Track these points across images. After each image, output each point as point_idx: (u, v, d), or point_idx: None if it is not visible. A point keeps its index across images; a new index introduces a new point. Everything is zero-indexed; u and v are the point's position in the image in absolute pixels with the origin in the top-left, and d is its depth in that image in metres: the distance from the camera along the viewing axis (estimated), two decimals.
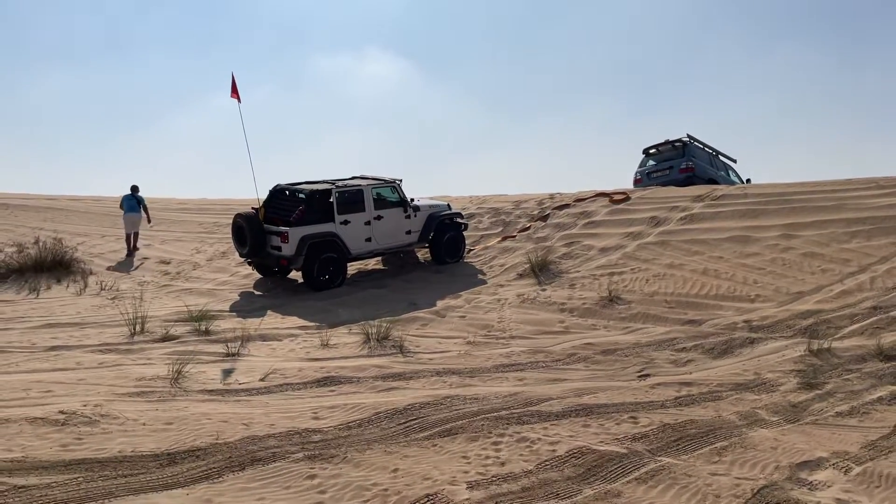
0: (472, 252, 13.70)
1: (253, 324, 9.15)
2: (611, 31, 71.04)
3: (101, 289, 11.55)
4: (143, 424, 5.21)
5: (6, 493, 3.87)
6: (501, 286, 11.37)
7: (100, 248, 14.93)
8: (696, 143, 16.99)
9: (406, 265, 13.39)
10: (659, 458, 4.99)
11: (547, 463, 4.81)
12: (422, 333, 8.85)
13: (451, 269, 12.85)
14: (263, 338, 8.52)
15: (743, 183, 17.36)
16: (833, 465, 4.97)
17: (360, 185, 12.57)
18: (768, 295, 10.00)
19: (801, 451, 5.20)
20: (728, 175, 17.46)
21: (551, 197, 16.22)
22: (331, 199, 12.12)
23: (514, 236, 14.37)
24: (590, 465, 4.80)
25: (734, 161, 17.82)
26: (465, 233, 13.70)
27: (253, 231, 11.90)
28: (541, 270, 11.77)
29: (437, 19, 78.01)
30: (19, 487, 3.96)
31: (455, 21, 77.50)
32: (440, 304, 10.28)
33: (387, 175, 13.28)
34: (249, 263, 12.81)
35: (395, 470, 4.55)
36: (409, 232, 13.00)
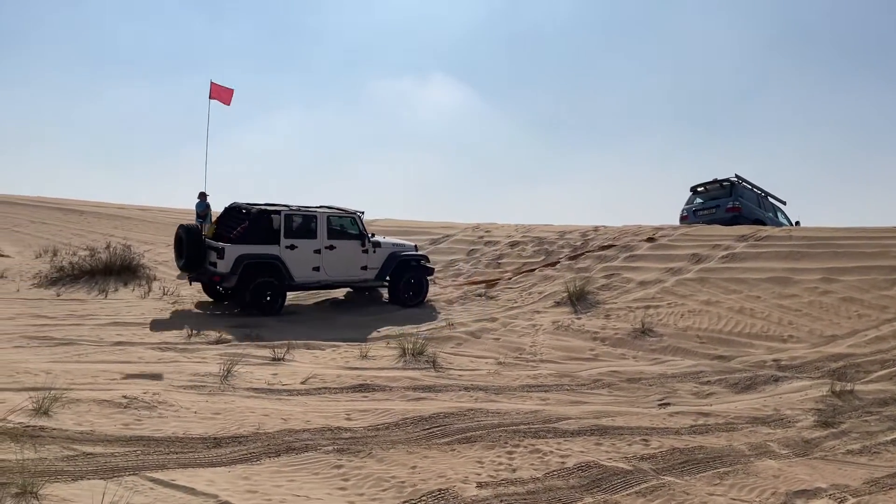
0: (510, 279, 14.10)
1: (299, 333, 9.77)
2: (673, 67, 70.90)
3: (164, 293, 12.39)
4: (195, 413, 5.81)
5: (77, 458, 4.49)
6: (538, 312, 11.75)
7: (164, 256, 15.93)
8: (744, 183, 17.12)
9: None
10: (662, 477, 5.31)
11: (555, 472, 5.19)
12: (456, 352, 9.31)
13: (492, 294, 13.28)
14: (307, 346, 9.11)
15: (791, 225, 17.36)
16: (830, 495, 5.20)
17: (313, 211, 12.11)
18: (802, 336, 10.12)
19: (802, 481, 5.44)
20: (777, 216, 17.49)
21: (595, 229, 16.57)
22: (278, 221, 11.66)
23: (503, 277, 14.65)
24: (595, 478, 5.16)
25: (784, 203, 17.88)
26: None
27: (191, 243, 11.42)
28: (578, 300, 12.11)
29: (500, 49, 79.31)
30: (87, 454, 4.58)
31: (518, 52, 78.63)
32: (476, 325, 10.72)
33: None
34: (190, 279, 12.28)
35: (414, 467, 5.01)
36: (365, 268, 12.44)
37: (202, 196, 16.65)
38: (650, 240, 15.18)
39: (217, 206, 18.21)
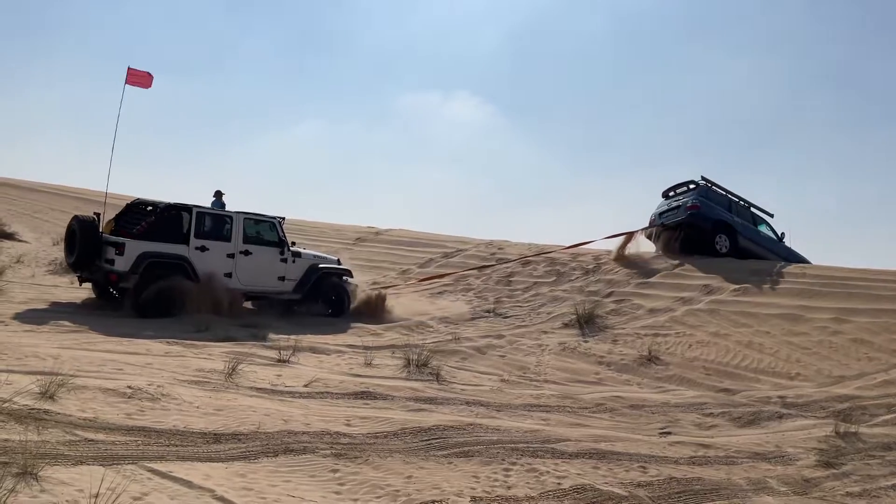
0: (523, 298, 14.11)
1: (306, 336, 9.83)
2: (701, 98, 70.90)
3: None
4: (197, 407, 5.86)
5: (79, 443, 4.54)
6: (545, 333, 11.75)
7: None
8: (713, 186, 16.61)
9: None
10: None
11: (550, 493, 5.18)
12: (460, 366, 9.32)
13: (501, 311, 13.28)
14: (313, 350, 9.17)
15: (777, 237, 16.97)
16: None
17: (228, 212, 11.55)
18: (809, 375, 10.05)
19: None
20: (755, 225, 16.83)
21: (609, 253, 16.54)
22: (188, 218, 10.83)
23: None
24: (589, 501, 5.14)
25: (771, 216, 17.27)
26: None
27: (85, 238, 10.30)
28: (586, 323, 12.11)
29: (528, 69, 79.79)
30: (89, 440, 4.64)
31: (545, 74, 79.04)
32: (483, 341, 10.73)
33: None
34: (80, 279, 11.20)
35: (410, 477, 5.02)
36: (282, 278, 11.66)
37: (218, 195, 16.74)
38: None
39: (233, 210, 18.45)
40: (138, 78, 11.57)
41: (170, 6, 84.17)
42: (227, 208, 15.73)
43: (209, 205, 15.74)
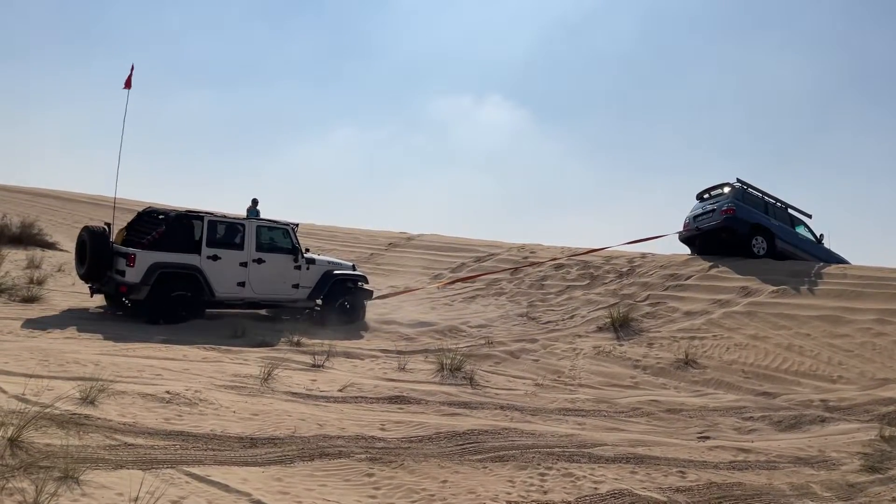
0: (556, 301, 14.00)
1: (339, 342, 9.88)
2: (733, 100, 69.93)
3: None
4: (233, 412, 5.92)
5: (118, 447, 4.62)
6: (579, 336, 11.65)
7: None
8: (749, 188, 16.25)
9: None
10: None
11: (587, 498, 5.11)
12: (494, 370, 9.28)
13: (533, 316, 13.19)
14: (347, 355, 9.22)
15: (816, 239, 16.54)
16: None
17: (241, 220, 11.46)
18: (852, 378, 9.79)
19: None
20: (792, 227, 16.40)
21: (643, 256, 16.36)
22: (199, 228, 10.64)
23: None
24: None
25: (809, 216, 16.85)
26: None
27: (96, 249, 10.12)
28: (621, 326, 11.98)
29: (561, 72, 79.52)
30: (129, 444, 4.71)
31: (579, 76, 78.68)
32: (516, 346, 10.68)
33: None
34: (91, 290, 10.99)
35: (445, 481, 5.00)
36: (296, 286, 11.46)
37: (254, 202, 17.06)
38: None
39: (266, 216, 18.66)
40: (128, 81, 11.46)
41: (199, 17, 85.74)
42: (261, 215, 16.00)
43: (245, 212, 16.05)
